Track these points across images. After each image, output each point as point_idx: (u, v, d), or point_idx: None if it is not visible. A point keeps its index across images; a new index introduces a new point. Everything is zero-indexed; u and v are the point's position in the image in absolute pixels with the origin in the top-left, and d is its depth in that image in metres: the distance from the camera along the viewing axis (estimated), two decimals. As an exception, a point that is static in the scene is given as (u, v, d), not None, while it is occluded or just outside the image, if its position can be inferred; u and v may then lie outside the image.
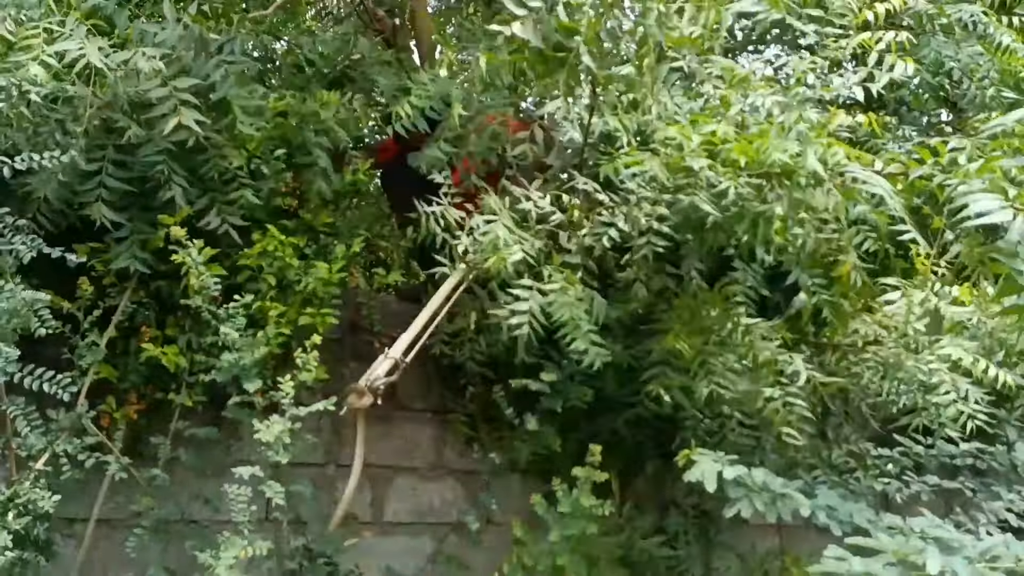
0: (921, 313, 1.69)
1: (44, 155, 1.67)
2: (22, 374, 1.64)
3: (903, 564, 1.37)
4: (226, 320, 1.96)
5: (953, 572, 1.32)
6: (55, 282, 1.89)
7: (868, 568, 1.34)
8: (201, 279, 1.91)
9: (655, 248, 1.86)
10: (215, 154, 2.10)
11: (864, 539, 1.42)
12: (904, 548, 1.37)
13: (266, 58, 2.67)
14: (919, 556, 1.36)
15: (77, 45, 1.91)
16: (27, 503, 1.55)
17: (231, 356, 1.96)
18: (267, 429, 1.84)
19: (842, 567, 1.35)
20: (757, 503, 1.62)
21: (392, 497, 2.70)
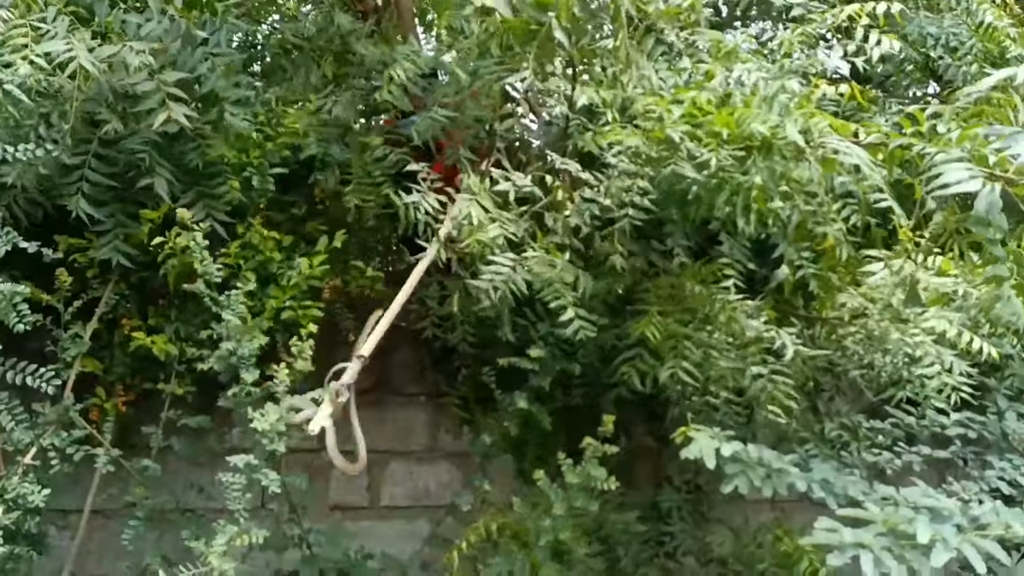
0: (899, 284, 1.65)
1: (19, 147, 1.62)
2: (4, 368, 1.61)
3: (893, 534, 1.34)
4: (227, 308, 1.92)
5: (943, 540, 1.31)
6: (34, 274, 1.85)
7: (859, 538, 1.32)
8: (204, 264, 1.87)
9: (634, 221, 1.81)
10: (201, 144, 2.06)
11: (855, 510, 1.40)
12: (894, 518, 1.35)
13: (249, 44, 2.62)
14: (909, 525, 1.34)
15: (64, 45, 1.86)
16: (16, 498, 1.51)
17: (229, 345, 1.92)
18: (262, 418, 1.80)
19: (833, 538, 1.33)
20: (753, 478, 1.59)
21: (388, 481, 2.68)
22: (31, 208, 1.96)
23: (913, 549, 1.33)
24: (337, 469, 1.94)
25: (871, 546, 1.32)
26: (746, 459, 1.63)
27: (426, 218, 1.94)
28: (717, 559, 2.37)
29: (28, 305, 1.66)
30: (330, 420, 1.83)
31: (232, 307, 1.92)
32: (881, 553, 1.31)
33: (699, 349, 1.87)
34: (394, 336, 2.69)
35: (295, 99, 2.36)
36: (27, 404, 1.80)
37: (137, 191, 2.04)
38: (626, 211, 1.80)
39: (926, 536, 1.32)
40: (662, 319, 1.87)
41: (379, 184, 2.31)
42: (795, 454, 1.71)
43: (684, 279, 1.94)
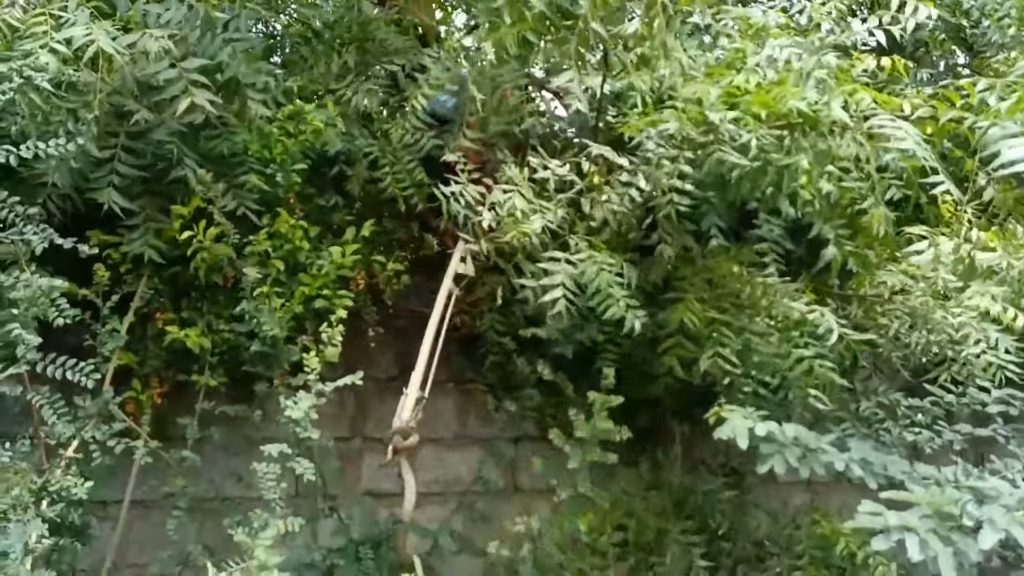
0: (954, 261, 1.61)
1: (50, 143, 1.62)
2: (44, 363, 1.62)
3: (938, 515, 1.32)
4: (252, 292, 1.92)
5: (991, 521, 1.28)
6: (68, 269, 1.86)
7: (903, 521, 1.29)
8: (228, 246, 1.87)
9: (678, 207, 1.79)
10: (224, 132, 2.06)
11: (898, 492, 1.37)
12: (939, 499, 1.33)
13: (270, 35, 2.60)
14: (955, 507, 1.32)
15: (84, 31, 1.86)
16: (60, 491, 1.54)
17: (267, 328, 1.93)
18: (295, 406, 1.81)
19: (878, 521, 1.31)
20: (790, 458, 1.56)
21: (419, 467, 2.68)
22: (63, 203, 1.96)
23: (959, 531, 1.31)
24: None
25: (916, 529, 1.30)
26: (781, 439, 1.61)
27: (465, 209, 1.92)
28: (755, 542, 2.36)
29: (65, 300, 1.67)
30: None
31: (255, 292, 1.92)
32: (927, 536, 1.29)
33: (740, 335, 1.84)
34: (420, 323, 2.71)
35: (315, 90, 2.35)
36: (68, 398, 1.81)
37: (166, 184, 2.04)
38: (670, 197, 1.77)
39: (973, 518, 1.30)
40: (700, 305, 1.84)
41: (411, 170, 2.31)
42: (832, 433, 1.69)
43: (721, 263, 1.92)
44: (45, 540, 1.45)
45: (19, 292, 1.53)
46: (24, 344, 1.51)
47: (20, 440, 1.62)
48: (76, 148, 1.73)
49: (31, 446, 1.66)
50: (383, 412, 2.65)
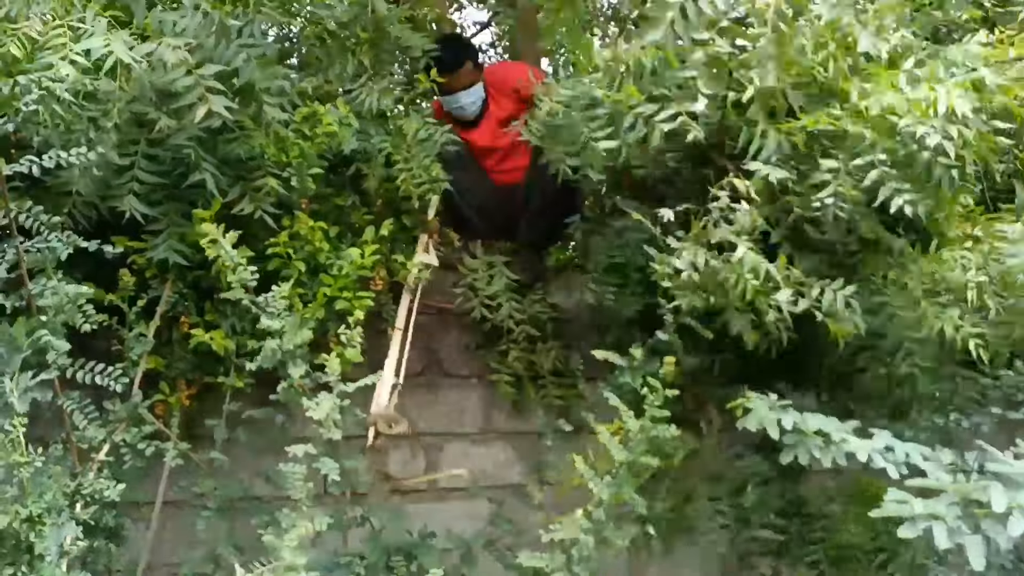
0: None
1: (72, 152, 1.68)
2: (74, 368, 1.68)
3: (966, 503, 1.32)
4: (265, 309, 1.96)
5: (1020, 508, 1.28)
6: (95, 276, 1.92)
7: (930, 509, 1.29)
8: (238, 273, 1.92)
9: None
10: (241, 136, 2.10)
11: (925, 480, 1.37)
12: (967, 487, 1.33)
13: (285, 37, 2.64)
14: (983, 494, 1.32)
15: (103, 42, 1.91)
16: (93, 493, 1.59)
17: (274, 343, 1.96)
18: (317, 407, 1.85)
19: (904, 510, 1.31)
20: (812, 448, 1.57)
21: (444, 464, 2.73)
22: (88, 211, 2.02)
23: (988, 518, 1.31)
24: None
25: (944, 517, 1.30)
26: (804, 429, 1.62)
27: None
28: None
29: (92, 306, 1.73)
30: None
31: (271, 308, 1.95)
32: (955, 523, 1.29)
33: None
34: (443, 318, 2.75)
35: (330, 90, 2.38)
36: (98, 402, 1.87)
37: (187, 190, 2.09)
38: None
39: (1002, 505, 1.29)
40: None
41: (427, 167, 2.33)
42: (854, 421, 1.68)
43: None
44: (80, 542, 1.50)
45: (47, 299, 1.59)
46: (55, 350, 1.57)
47: (53, 445, 1.68)
48: (98, 157, 1.77)
49: (64, 450, 1.72)
50: (408, 408, 2.69)
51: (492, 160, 3.04)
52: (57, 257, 1.60)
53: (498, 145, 2.98)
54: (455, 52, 2.89)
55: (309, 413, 1.80)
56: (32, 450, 1.41)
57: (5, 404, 1.37)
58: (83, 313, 1.64)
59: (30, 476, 1.35)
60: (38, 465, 1.38)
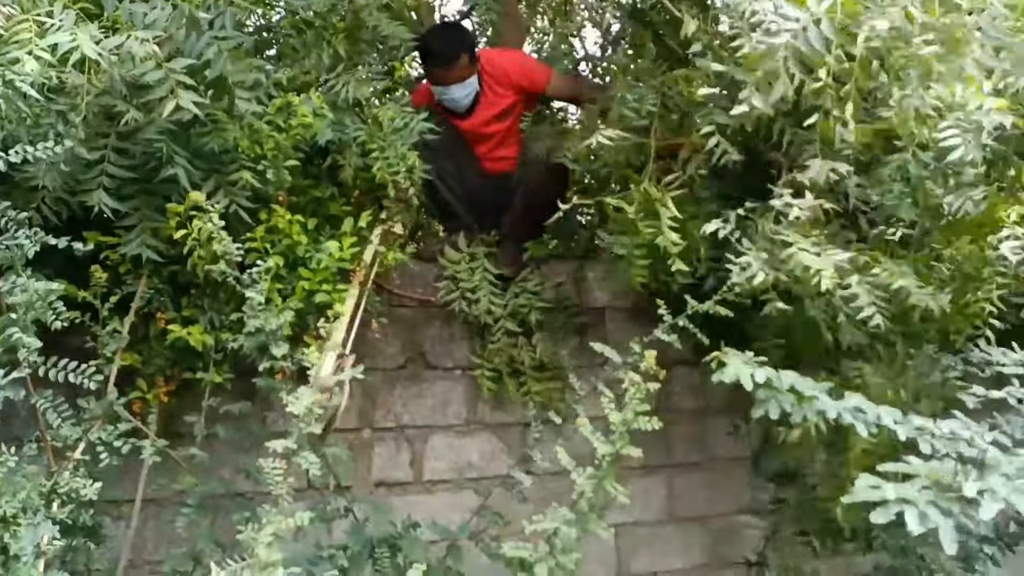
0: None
1: (39, 146, 1.68)
2: (46, 367, 1.69)
3: (938, 487, 1.34)
4: (251, 285, 1.98)
5: (991, 491, 1.30)
6: (66, 272, 1.92)
7: (902, 494, 1.31)
8: (223, 244, 1.93)
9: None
10: (214, 130, 2.11)
11: (897, 464, 1.40)
12: (939, 471, 1.35)
13: (264, 27, 2.64)
14: (955, 479, 1.34)
15: (69, 36, 1.91)
16: (69, 492, 1.61)
17: (257, 322, 1.98)
18: (297, 401, 1.86)
19: (875, 495, 1.33)
20: (784, 404, 1.61)
21: (430, 456, 2.76)
22: (58, 207, 2.02)
23: (960, 502, 1.33)
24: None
25: (915, 501, 1.31)
26: (777, 385, 1.65)
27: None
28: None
29: (64, 302, 1.74)
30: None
31: (256, 284, 1.97)
32: (926, 508, 1.31)
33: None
34: (425, 310, 2.77)
35: (307, 81, 2.39)
36: (72, 400, 1.89)
37: (160, 184, 2.10)
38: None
39: (973, 489, 1.31)
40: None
41: (403, 155, 2.34)
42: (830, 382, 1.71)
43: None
44: (57, 541, 1.52)
45: (16, 297, 1.59)
46: (25, 347, 1.58)
47: (27, 444, 1.70)
48: (65, 151, 1.78)
49: (38, 449, 1.74)
50: (392, 402, 2.73)
51: (485, 147, 3.03)
52: (25, 255, 1.61)
53: (490, 131, 2.98)
54: (452, 46, 2.86)
55: (288, 407, 1.82)
56: (5, 449, 1.42)
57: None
58: (54, 310, 1.65)
59: (4, 476, 1.36)
60: (11, 465, 1.39)
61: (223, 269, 1.92)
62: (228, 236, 1.94)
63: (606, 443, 1.88)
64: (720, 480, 2.99)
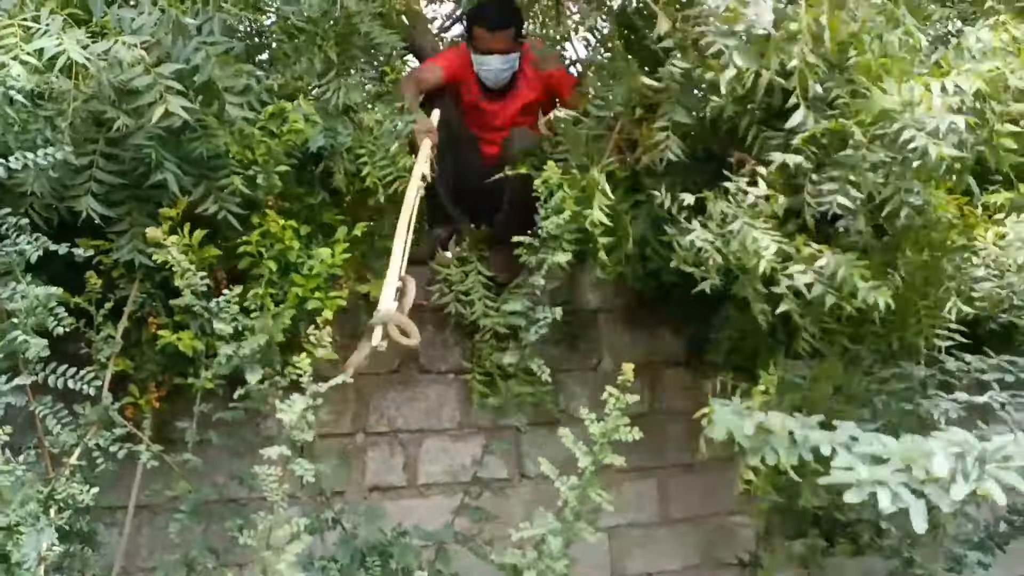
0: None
1: (39, 153, 1.71)
2: (45, 373, 1.72)
3: (912, 469, 1.37)
4: (217, 315, 2.00)
5: (963, 473, 1.33)
6: (59, 278, 1.95)
7: (875, 475, 1.35)
8: (186, 278, 1.96)
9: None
10: (203, 135, 2.14)
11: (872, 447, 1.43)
12: (912, 452, 1.38)
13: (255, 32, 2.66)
14: (927, 460, 1.36)
15: (55, 41, 1.94)
16: (66, 498, 1.64)
17: (228, 349, 2.01)
18: (289, 408, 1.88)
19: (850, 476, 1.35)
20: (778, 447, 1.61)
21: (424, 459, 2.79)
22: (48, 213, 2.05)
23: (932, 483, 1.36)
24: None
25: (888, 482, 1.35)
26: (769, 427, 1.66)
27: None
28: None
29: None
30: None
31: (221, 315, 2.00)
32: (899, 488, 1.34)
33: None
34: (419, 314, 2.80)
35: (299, 87, 2.42)
36: (69, 406, 1.92)
37: (151, 189, 2.13)
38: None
39: (944, 469, 1.34)
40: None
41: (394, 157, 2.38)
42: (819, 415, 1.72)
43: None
44: (56, 548, 1.55)
45: (17, 303, 1.62)
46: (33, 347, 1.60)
47: (26, 451, 1.73)
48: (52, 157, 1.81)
49: (36, 456, 1.77)
50: (385, 406, 2.76)
51: (498, 134, 3.02)
52: (26, 260, 1.63)
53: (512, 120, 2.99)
54: (505, 11, 2.85)
55: (280, 415, 1.84)
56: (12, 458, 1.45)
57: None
58: (55, 316, 1.68)
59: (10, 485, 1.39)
60: (18, 474, 1.42)
61: (188, 301, 1.95)
62: (192, 267, 1.97)
63: (588, 453, 1.93)
64: (713, 481, 3.03)
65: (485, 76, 2.90)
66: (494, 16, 2.82)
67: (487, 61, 2.86)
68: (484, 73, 2.89)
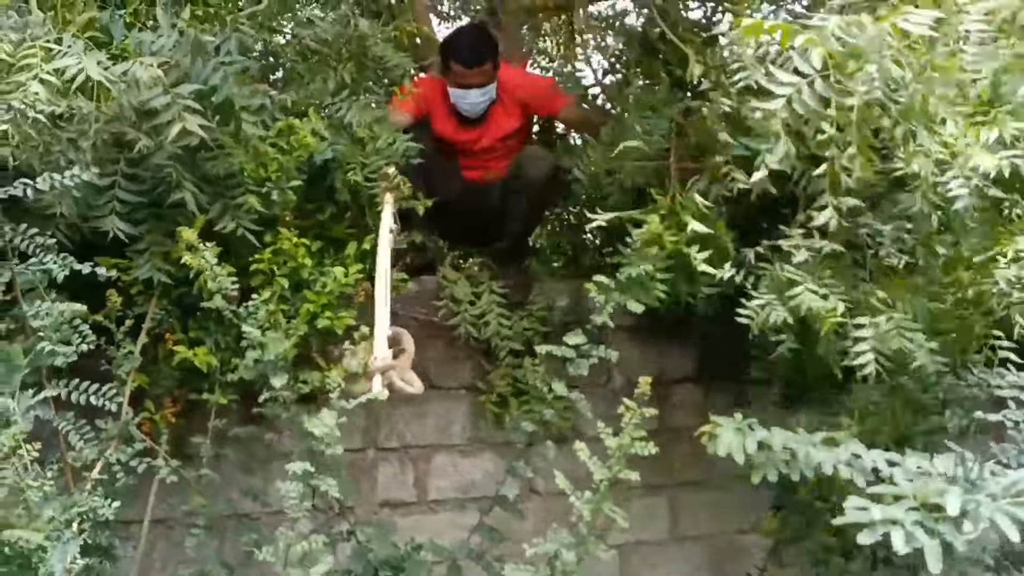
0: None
1: (66, 175, 1.80)
2: (68, 388, 1.80)
3: (925, 507, 1.39)
4: (246, 319, 2.09)
5: (975, 510, 1.36)
6: (79, 296, 2.02)
7: (889, 515, 1.36)
8: (217, 281, 2.04)
9: None
10: (220, 154, 2.22)
11: (885, 487, 1.47)
12: (925, 491, 1.40)
13: (267, 52, 2.76)
14: (940, 498, 1.38)
15: (75, 61, 2.02)
16: (88, 512, 1.71)
17: (255, 353, 2.08)
18: (319, 422, 1.91)
19: (863, 516, 1.37)
20: (779, 465, 1.64)
21: (434, 475, 2.86)
22: (71, 233, 2.13)
23: (945, 522, 1.37)
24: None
25: (902, 522, 1.37)
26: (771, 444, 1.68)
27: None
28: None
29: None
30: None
31: (252, 318, 2.08)
32: (912, 528, 1.36)
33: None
34: (427, 330, 2.87)
35: (311, 105, 2.51)
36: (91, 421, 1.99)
37: (169, 208, 2.21)
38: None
39: (956, 507, 1.36)
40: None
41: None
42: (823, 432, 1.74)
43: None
44: (79, 561, 1.62)
45: (42, 320, 1.70)
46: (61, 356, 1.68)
47: (49, 465, 1.80)
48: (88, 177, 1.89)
49: (59, 471, 1.84)
50: (395, 421, 2.83)
51: (476, 160, 3.13)
52: (53, 278, 1.71)
53: (491, 147, 3.09)
54: (483, 47, 2.94)
55: (310, 428, 1.89)
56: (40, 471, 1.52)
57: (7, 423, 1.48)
58: (79, 333, 1.76)
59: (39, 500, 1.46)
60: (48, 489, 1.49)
61: (219, 304, 2.03)
62: (224, 270, 2.05)
63: (603, 468, 1.98)
64: (723, 498, 3.09)
65: (463, 108, 3.01)
66: (471, 54, 2.91)
67: (466, 95, 2.96)
68: (462, 105, 2.99)
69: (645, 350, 3.09)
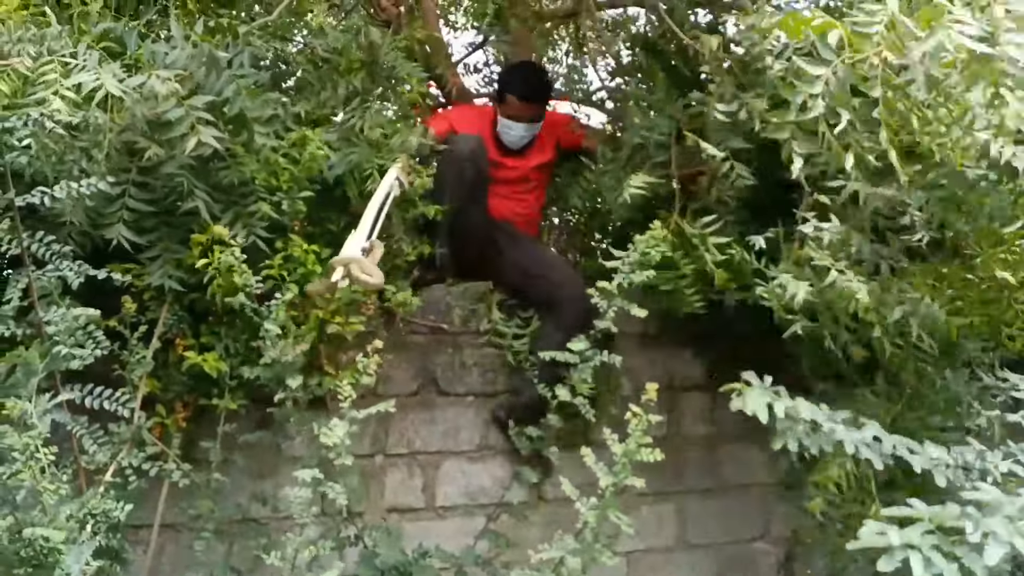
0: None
1: (81, 183, 1.86)
2: (82, 393, 1.86)
3: (942, 531, 1.38)
4: (268, 317, 2.15)
5: (994, 534, 1.34)
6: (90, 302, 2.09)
7: (907, 539, 1.35)
8: (244, 277, 2.10)
9: None
10: (232, 164, 2.28)
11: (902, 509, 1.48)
12: (942, 515, 1.39)
13: (279, 61, 2.82)
14: (958, 522, 1.38)
15: (93, 76, 2.09)
16: (101, 514, 1.76)
17: (274, 352, 2.14)
18: (331, 432, 1.95)
19: (881, 541, 1.36)
20: (800, 436, 1.66)
21: (442, 481, 2.90)
22: (83, 240, 2.20)
23: (964, 546, 1.36)
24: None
25: (920, 546, 1.35)
26: (795, 416, 1.69)
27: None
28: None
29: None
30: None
31: (273, 317, 2.14)
32: (931, 553, 1.35)
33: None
34: (437, 337, 2.92)
35: (323, 114, 2.57)
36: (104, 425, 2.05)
37: (182, 216, 2.27)
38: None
39: (977, 535, 1.36)
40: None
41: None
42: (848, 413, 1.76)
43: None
44: (92, 564, 1.67)
45: (57, 326, 1.77)
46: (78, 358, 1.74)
47: (62, 468, 1.86)
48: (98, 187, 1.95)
49: (73, 474, 1.90)
50: (404, 428, 2.87)
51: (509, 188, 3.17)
52: (68, 285, 1.78)
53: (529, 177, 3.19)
54: (540, 90, 3.08)
55: (322, 438, 1.94)
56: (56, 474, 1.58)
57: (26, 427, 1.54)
58: (93, 339, 1.82)
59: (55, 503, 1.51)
60: (63, 492, 1.55)
61: (243, 301, 2.09)
62: (248, 269, 2.11)
63: (608, 474, 2.01)
64: (732, 507, 3.11)
65: (508, 139, 3.09)
66: (530, 91, 3.01)
67: (513, 127, 3.04)
68: (508, 136, 3.08)
69: (653, 357, 3.12)
